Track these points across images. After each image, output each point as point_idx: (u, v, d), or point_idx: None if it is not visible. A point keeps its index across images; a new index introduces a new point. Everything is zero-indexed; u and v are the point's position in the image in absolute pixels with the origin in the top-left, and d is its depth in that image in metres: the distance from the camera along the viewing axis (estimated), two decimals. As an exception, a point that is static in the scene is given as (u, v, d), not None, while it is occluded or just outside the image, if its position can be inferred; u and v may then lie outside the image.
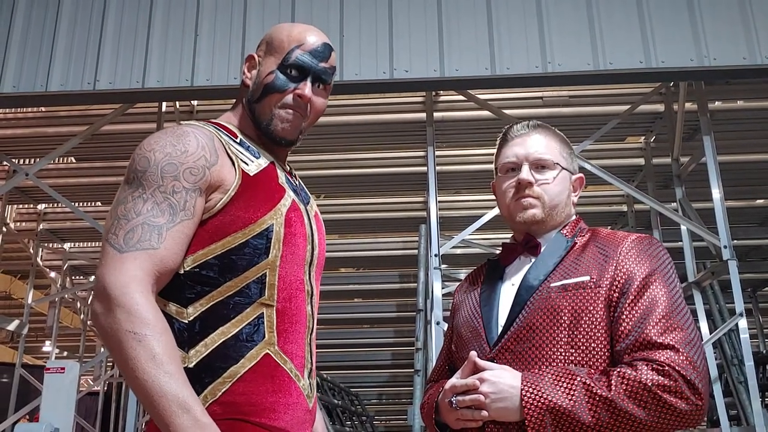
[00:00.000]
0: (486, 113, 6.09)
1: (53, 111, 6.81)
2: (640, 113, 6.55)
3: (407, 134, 7.04)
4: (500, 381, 1.37)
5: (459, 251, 8.33)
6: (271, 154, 1.52)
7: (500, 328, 1.48)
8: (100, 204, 8.59)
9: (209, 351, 1.31)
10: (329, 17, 4.97)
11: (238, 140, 1.46)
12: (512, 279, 1.55)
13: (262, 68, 1.51)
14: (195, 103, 6.68)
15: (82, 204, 8.47)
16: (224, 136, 1.44)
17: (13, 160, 6.84)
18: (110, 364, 10.65)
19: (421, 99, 6.54)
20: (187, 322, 1.32)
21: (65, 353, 14.05)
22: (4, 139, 7.00)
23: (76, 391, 6.21)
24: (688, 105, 6.12)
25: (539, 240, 1.57)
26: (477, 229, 5.44)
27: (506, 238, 1.69)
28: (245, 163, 1.41)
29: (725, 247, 5.00)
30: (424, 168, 6.52)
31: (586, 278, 1.44)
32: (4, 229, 8.05)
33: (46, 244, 9.46)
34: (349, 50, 4.91)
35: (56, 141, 6.66)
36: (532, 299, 1.46)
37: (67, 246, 9.63)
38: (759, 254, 9.29)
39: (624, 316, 1.39)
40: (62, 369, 5.78)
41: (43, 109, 6.80)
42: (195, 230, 1.34)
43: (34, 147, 7.14)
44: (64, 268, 9.54)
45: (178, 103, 6.54)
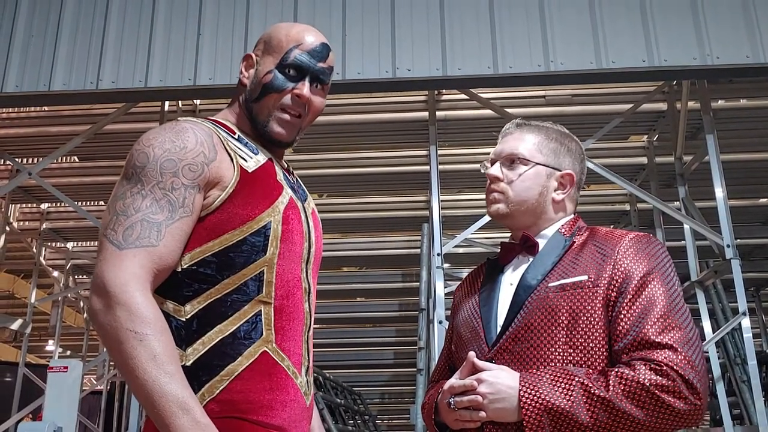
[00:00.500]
0: (488, 112, 6.08)
1: (56, 110, 6.83)
2: (643, 112, 6.55)
3: (410, 133, 7.03)
4: (498, 382, 1.37)
5: (461, 250, 8.31)
6: (269, 151, 1.51)
7: (499, 329, 1.47)
8: (103, 203, 8.59)
9: (207, 349, 1.30)
10: (332, 16, 4.96)
11: (237, 137, 1.46)
12: (510, 279, 1.55)
13: (260, 67, 1.50)
14: (198, 102, 6.69)
15: (85, 203, 8.48)
16: (223, 132, 1.43)
17: (17, 159, 6.87)
18: (113, 364, 10.65)
19: (423, 98, 6.54)
20: (184, 319, 1.31)
21: (68, 352, 14.06)
22: (7, 138, 7.02)
23: (79, 390, 6.23)
24: (691, 104, 6.10)
25: (537, 239, 1.56)
26: (479, 228, 5.43)
27: (508, 238, 1.69)
28: (243, 159, 1.40)
29: (728, 246, 4.99)
30: (426, 167, 6.52)
31: (584, 278, 1.43)
32: (7, 228, 8.06)
33: (49, 244, 9.46)
34: (352, 49, 4.90)
35: (59, 140, 6.68)
36: (530, 299, 1.45)
37: (70, 245, 9.63)
38: (762, 253, 9.26)
39: (622, 316, 1.38)
40: (65, 368, 5.81)
41: (46, 108, 6.82)
42: (193, 227, 1.33)
43: (37, 146, 7.16)
44: (67, 267, 9.54)
45: (180, 102, 6.56)
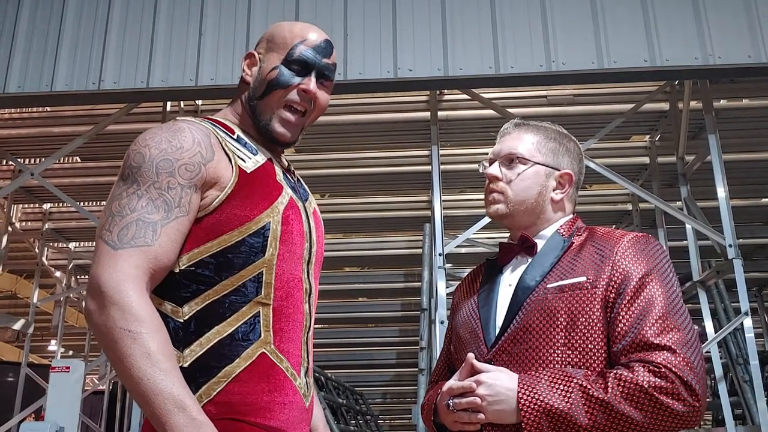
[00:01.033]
0: (490, 112, 6.08)
1: (58, 111, 6.84)
2: (645, 112, 6.54)
3: (411, 133, 7.03)
4: (497, 383, 1.36)
5: (463, 250, 8.31)
6: (269, 150, 1.50)
7: (498, 330, 1.47)
8: (105, 203, 8.59)
9: (204, 350, 1.29)
10: (333, 16, 4.96)
11: (236, 137, 1.45)
12: (509, 279, 1.54)
13: (264, 65, 1.49)
14: (199, 102, 6.69)
15: (87, 203, 8.48)
16: (221, 132, 1.42)
17: (19, 159, 6.88)
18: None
19: (425, 98, 6.53)
20: (182, 320, 1.31)
21: (70, 352, 14.06)
22: (9, 138, 7.03)
23: (82, 390, 6.24)
24: (693, 103, 6.09)
25: (535, 240, 1.55)
26: (481, 228, 5.43)
27: (507, 238, 1.69)
28: (242, 160, 1.39)
29: (730, 246, 4.98)
30: (428, 167, 6.52)
31: (583, 279, 1.43)
32: (9, 228, 8.07)
33: (52, 244, 9.47)
34: (353, 49, 4.90)
35: (61, 141, 6.68)
36: (529, 300, 1.44)
37: (72, 245, 9.64)
38: (764, 253, 9.24)
39: (621, 317, 1.38)
40: (67, 368, 5.81)
41: (48, 108, 6.83)
42: (190, 227, 1.32)
43: (40, 147, 7.17)
44: (70, 267, 9.55)
45: (182, 102, 6.56)
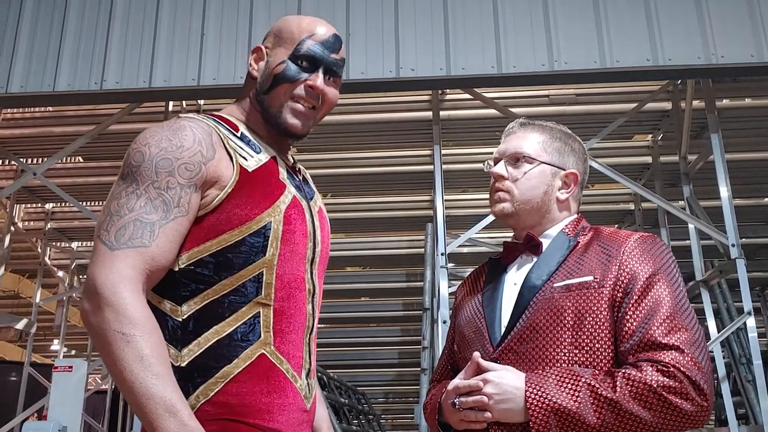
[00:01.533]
0: (492, 111, 6.07)
1: (61, 111, 6.84)
2: (648, 111, 6.53)
3: (413, 133, 7.02)
4: (504, 382, 1.36)
5: (466, 250, 8.30)
6: (274, 147, 1.48)
7: (503, 329, 1.47)
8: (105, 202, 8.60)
9: (202, 350, 1.28)
10: (335, 16, 4.96)
11: (239, 134, 1.42)
12: (514, 278, 1.54)
13: (271, 59, 1.46)
14: (202, 102, 6.69)
15: (89, 203, 8.48)
16: (224, 129, 1.40)
17: (21, 159, 6.88)
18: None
19: (427, 97, 6.53)
20: (180, 320, 1.29)
21: (73, 352, 14.05)
22: (12, 138, 7.03)
23: (84, 389, 6.24)
24: (696, 103, 6.08)
25: (540, 239, 1.55)
26: (484, 227, 5.42)
27: (511, 238, 1.69)
28: (244, 158, 1.37)
29: (733, 245, 4.97)
30: (430, 166, 6.52)
31: (590, 278, 1.43)
32: (12, 228, 8.07)
33: (54, 243, 9.48)
34: (356, 49, 4.90)
35: (64, 140, 6.68)
36: (535, 299, 1.44)
37: (74, 245, 9.64)
38: (767, 253, 9.23)
39: (628, 317, 1.38)
40: (70, 367, 5.82)
41: (51, 108, 6.83)
42: (189, 227, 1.30)
43: (42, 146, 7.17)
44: (72, 267, 9.56)
45: (185, 102, 6.56)
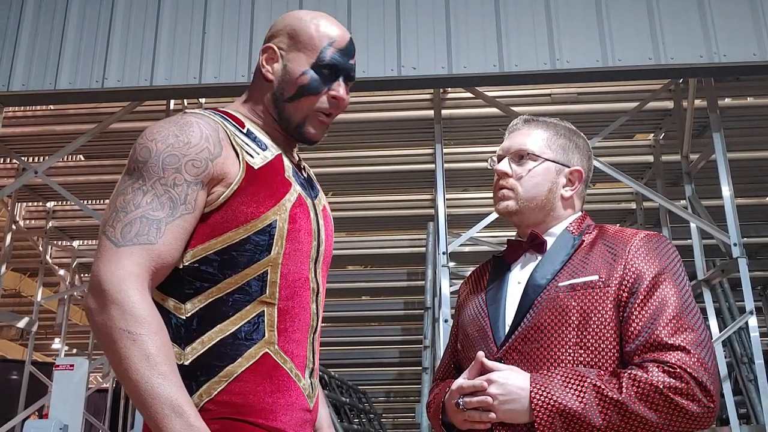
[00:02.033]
0: (494, 110, 6.07)
1: (62, 109, 6.84)
2: (649, 110, 6.52)
3: (415, 131, 7.02)
4: (509, 382, 1.35)
5: (467, 249, 8.29)
6: (281, 145, 1.47)
7: (507, 328, 1.45)
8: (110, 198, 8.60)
9: (206, 348, 1.27)
10: (337, 14, 4.95)
11: (245, 131, 1.41)
12: (518, 277, 1.52)
13: (290, 64, 1.44)
14: (203, 100, 6.69)
15: (91, 202, 8.49)
16: (230, 126, 1.38)
17: (23, 158, 6.88)
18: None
19: (429, 96, 6.52)
20: (184, 318, 1.28)
21: (74, 350, 14.06)
22: (13, 137, 7.03)
23: (85, 388, 6.23)
24: (698, 102, 6.07)
25: (545, 237, 1.54)
26: (485, 226, 5.42)
27: (514, 236, 1.68)
28: (250, 155, 1.36)
29: (735, 244, 4.96)
30: (431, 165, 6.52)
31: (595, 277, 1.41)
32: (13, 227, 8.07)
33: (55, 242, 9.48)
34: (357, 47, 4.80)
35: (65, 139, 6.68)
36: (540, 299, 1.43)
37: (76, 244, 9.65)
38: (769, 252, 9.22)
39: (634, 317, 1.37)
40: (71, 366, 5.81)
41: (52, 107, 6.83)
42: (195, 225, 1.29)
43: (43, 145, 7.17)
44: (73, 265, 9.56)
45: (186, 100, 6.55)
